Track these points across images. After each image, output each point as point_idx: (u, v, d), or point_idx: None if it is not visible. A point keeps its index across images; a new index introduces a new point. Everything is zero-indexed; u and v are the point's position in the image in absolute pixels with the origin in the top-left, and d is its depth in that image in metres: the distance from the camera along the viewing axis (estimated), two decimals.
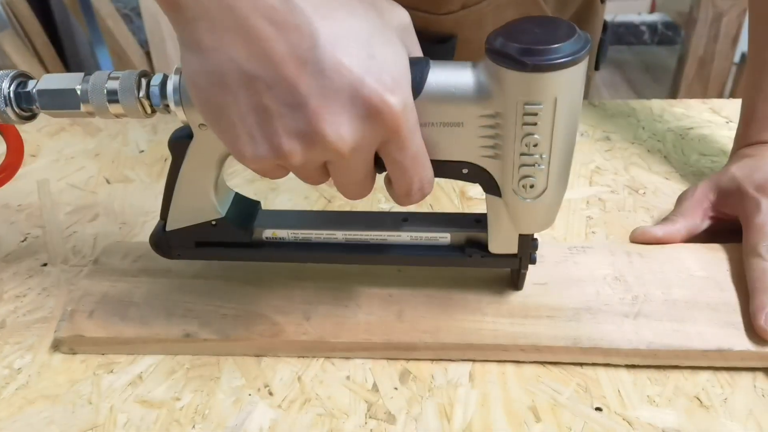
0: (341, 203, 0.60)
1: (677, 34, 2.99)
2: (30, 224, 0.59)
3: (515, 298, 0.45)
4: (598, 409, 0.40)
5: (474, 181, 0.39)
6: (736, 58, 1.70)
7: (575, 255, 0.49)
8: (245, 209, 0.46)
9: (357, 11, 0.32)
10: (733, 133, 0.58)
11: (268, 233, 0.45)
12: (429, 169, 0.37)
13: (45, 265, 0.54)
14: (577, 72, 0.33)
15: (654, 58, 2.95)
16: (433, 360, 0.44)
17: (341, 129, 0.32)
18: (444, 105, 0.35)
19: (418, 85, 0.35)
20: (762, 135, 0.53)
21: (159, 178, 0.65)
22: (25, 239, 0.57)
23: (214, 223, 0.44)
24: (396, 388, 0.42)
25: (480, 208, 0.53)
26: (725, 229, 0.51)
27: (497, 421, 0.40)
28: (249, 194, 0.61)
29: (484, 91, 0.35)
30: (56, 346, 0.45)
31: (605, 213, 0.57)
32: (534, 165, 0.36)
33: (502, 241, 0.43)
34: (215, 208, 0.43)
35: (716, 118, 0.72)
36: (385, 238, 0.45)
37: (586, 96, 0.82)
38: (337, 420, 0.40)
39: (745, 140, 0.55)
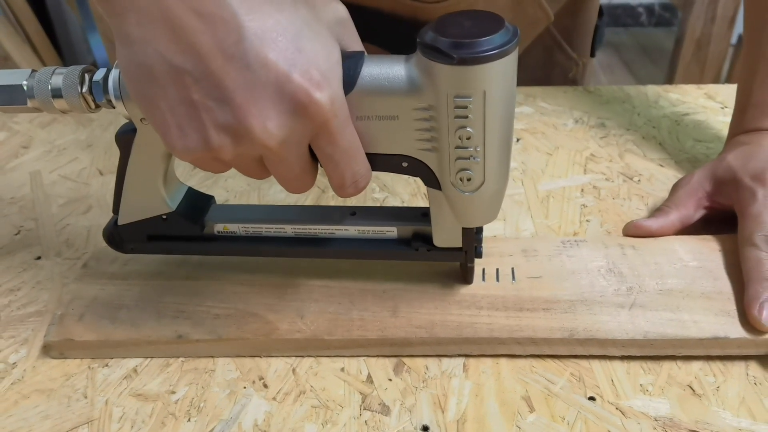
0: (333, 193, 0.60)
1: (674, 16, 2.97)
2: (23, 217, 0.59)
3: (510, 291, 0.45)
4: (591, 398, 0.40)
5: (414, 175, 0.39)
6: (733, 40, 1.69)
7: (568, 248, 0.48)
8: (197, 203, 0.46)
9: (285, 5, 0.32)
10: (728, 119, 0.58)
11: (219, 227, 0.46)
12: (362, 163, 0.37)
13: (39, 258, 0.54)
14: (506, 64, 0.33)
15: (651, 40, 2.93)
16: (428, 355, 0.44)
17: (268, 123, 0.32)
18: (378, 98, 0.35)
19: (350, 79, 0.35)
20: (758, 122, 0.53)
21: None
22: (18, 232, 0.57)
23: (164, 217, 0.44)
24: (390, 380, 0.42)
25: None
26: (718, 218, 0.50)
27: (491, 412, 0.40)
28: (240, 185, 0.62)
29: (416, 85, 0.35)
30: (46, 350, 0.45)
31: (600, 201, 0.57)
32: (470, 158, 0.36)
33: (446, 235, 0.43)
34: (165, 202, 0.43)
35: (711, 104, 0.71)
36: (333, 232, 0.45)
37: (581, 82, 0.82)
38: (331, 412, 0.40)
39: (740, 127, 0.54)
